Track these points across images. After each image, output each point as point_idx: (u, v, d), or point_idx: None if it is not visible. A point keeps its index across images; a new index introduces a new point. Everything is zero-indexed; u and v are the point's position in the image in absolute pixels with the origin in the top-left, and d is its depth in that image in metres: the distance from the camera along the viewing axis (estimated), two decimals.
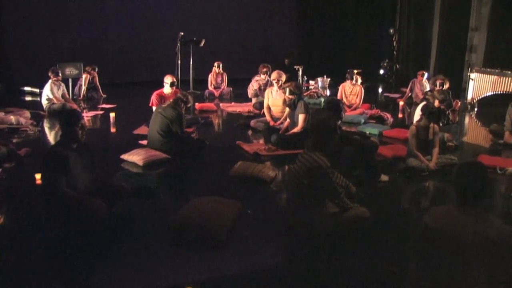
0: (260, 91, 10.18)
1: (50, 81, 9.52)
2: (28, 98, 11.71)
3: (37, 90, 11.55)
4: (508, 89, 9.98)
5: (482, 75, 10.76)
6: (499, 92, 10.28)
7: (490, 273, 2.53)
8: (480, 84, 10.77)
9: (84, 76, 11.45)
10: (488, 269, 2.53)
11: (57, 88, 9.59)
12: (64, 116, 4.38)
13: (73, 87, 11.44)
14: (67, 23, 13.71)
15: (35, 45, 13.18)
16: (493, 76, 10.42)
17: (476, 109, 10.70)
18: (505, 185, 5.18)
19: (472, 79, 10.99)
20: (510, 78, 9.97)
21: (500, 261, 2.52)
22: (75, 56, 12.35)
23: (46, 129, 8.48)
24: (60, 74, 9.75)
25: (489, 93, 10.54)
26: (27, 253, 3.84)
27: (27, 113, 8.69)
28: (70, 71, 11.23)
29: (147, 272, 3.51)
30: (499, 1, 11.96)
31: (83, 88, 11.46)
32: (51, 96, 9.42)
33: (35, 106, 9.94)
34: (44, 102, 9.47)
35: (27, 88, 12.25)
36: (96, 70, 11.75)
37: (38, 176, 4.99)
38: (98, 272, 3.57)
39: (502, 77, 10.17)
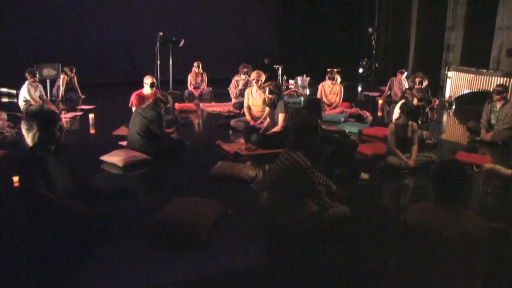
0: (240, 91, 10.18)
1: (27, 82, 9.39)
2: (4, 100, 11.53)
3: (14, 91, 11.38)
4: (484, 87, 10.14)
5: (459, 73, 10.93)
6: (475, 90, 10.43)
7: (468, 268, 2.57)
8: (457, 83, 10.95)
9: (62, 77, 11.32)
10: (466, 264, 2.57)
11: (34, 89, 9.46)
12: (42, 117, 4.31)
13: (51, 88, 11.31)
14: (45, 23, 13.55)
15: (11, 45, 12.99)
16: (469, 74, 10.58)
17: (453, 107, 10.86)
18: (481, 182, 5.26)
19: (450, 78, 11.16)
20: (485, 77, 10.13)
21: (478, 256, 2.57)
22: (53, 57, 12.20)
23: (24, 131, 8.35)
24: (37, 75, 9.63)
25: (466, 91, 10.70)
26: (4, 256, 3.79)
27: (4, 115, 8.56)
28: (48, 72, 11.09)
29: (129, 273, 3.49)
30: (474, 1, 12.15)
31: (61, 89, 11.34)
32: (28, 98, 9.29)
33: (12, 107, 9.79)
34: (21, 104, 9.34)
35: (3, 90, 12.06)
36: (74, 71, 11.63)
37: (15, 178, 4.92)
38: (79, 274, 3.54)
39: (478, 76, 10.33)
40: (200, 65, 12.13)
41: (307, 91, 12.23)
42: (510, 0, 10.71)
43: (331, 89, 9.90)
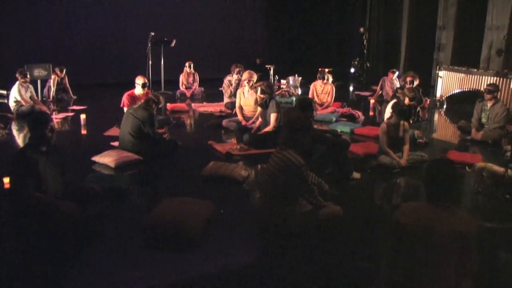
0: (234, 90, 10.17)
1: (17, 82, 9.34)
2: None
3: (4, 92, 11.31)
4: (474, 87, 10.19)
5: (450, 73, 10.97)
6: (466, 90, 10.48)
7: (459, 266, 2.58)
8: (448, 82, 10.99)
9: (52, 77, 11.26)
10: (457, 262, 2.58)
11: (25, 90, 9.41)
12: (33, 118, 4.30)
13: (42, 88, 11.25)
14: (36, 23, 13.47)
15: (1, 45, 12.90)
16: (460, 74, 10.63)
17: (444, 106, 10.90)
18: (473, 181, 5.29)
19: (441, 77, 11.21)
20: (476, 76, 10.18)
21: (469, 254, 2.58)
22: (43, 57, 12.13)
23: (15, 132, 8.30)
24: (28, 76, 9.57)
25: (457, 91, 10.74)
26: None
27: None
28: (38, 72, 11.04)
29: (120, 275, 3.48)
30: (465, 1, 12.22)
31: (52, 89, 11.28)
32: (19, 98, 9.24)
33: (3, 108, 9.73)
34: (12, 104, 9.29)
35: None
36: (65, 71, 11.57)
37: (6, 180, 4.89)
38: (71, 275, 3.52)
39: (468, 75, 10.37)
40: (192, 65, 12.12)
41: (299, 91, 12.23)
42: (499, 0, 10.78)
43: (322, 89, 9.92)
